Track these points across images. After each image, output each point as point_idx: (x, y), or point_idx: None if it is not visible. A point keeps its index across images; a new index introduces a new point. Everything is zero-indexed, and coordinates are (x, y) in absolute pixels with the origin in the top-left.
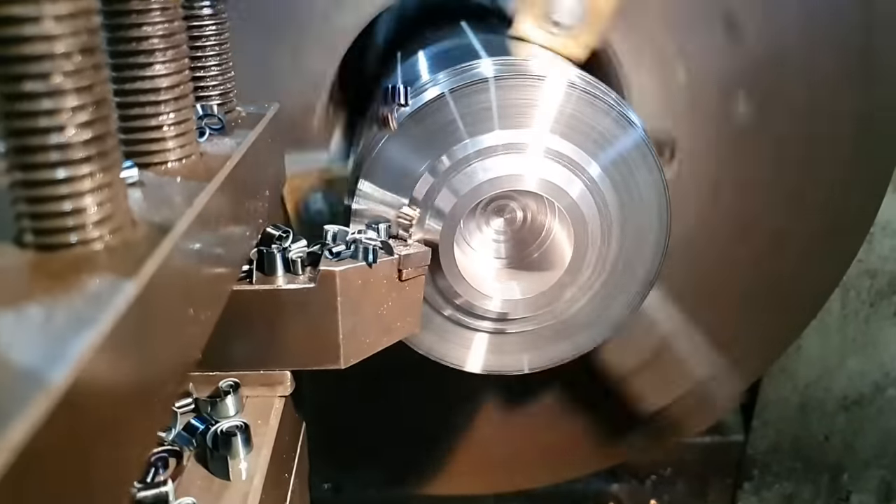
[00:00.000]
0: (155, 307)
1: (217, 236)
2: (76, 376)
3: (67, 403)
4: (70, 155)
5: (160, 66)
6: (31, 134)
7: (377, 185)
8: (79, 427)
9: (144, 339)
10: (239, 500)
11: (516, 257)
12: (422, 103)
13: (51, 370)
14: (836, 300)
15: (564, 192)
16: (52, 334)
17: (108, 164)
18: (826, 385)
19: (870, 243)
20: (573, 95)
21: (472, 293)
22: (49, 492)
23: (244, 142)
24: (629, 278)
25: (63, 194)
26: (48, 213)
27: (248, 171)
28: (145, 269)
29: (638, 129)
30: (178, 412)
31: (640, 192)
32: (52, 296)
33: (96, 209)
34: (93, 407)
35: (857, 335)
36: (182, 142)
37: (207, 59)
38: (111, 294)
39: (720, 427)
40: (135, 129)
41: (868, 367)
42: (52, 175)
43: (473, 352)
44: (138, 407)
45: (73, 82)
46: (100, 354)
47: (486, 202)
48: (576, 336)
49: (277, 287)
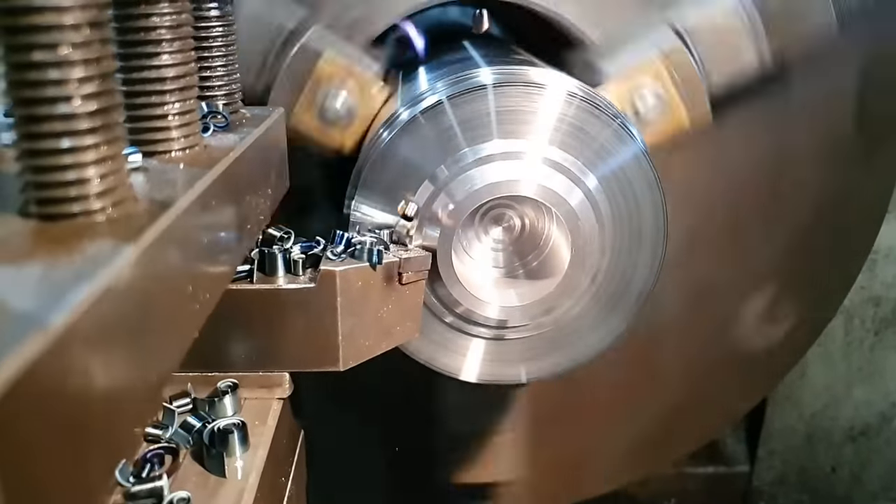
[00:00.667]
0: (153, 274)
1: (217, 220)
2: (73, 322)
3: (63, 346)
4: (75, 125)
5: (167, 56)
6: (37, 103)
7: (375, 194)
8: (73, 374)
9: (142, 303)
10: (234, 497)
11: (515, 266)
12: (419, 110)
13: (48, 315)
14: (839, 327)
15: (563, 199)
16: (50, 285)
17: (112, 138)
18: (832, 415)
19: (872, 270)
20: (573, 104)
21: (469, 299)
22: (41, 431)
23: (248, 137)
24: (625, 289)
25: (67, 164)
26: (51, 182)
27: (251, 165)
28: (145, 236)
29: (638, 143)
30: (175, 411)
31: (638, 203)
32: (52, 256)
33: (99, 181)
34: (88, 356)
35: (863, 364)
36: (186, 132)
37: (214, 59)
38: (111, 256)
39: (725, 457)
40: (140, 118)
41: (874, 396)
42: (57, 144)
43: (470, 360)
44: (135, 368)
45: (80, 54)
46: (97, 306)
47: (484, 211)
48: (573, 346)
49: (278, 286)
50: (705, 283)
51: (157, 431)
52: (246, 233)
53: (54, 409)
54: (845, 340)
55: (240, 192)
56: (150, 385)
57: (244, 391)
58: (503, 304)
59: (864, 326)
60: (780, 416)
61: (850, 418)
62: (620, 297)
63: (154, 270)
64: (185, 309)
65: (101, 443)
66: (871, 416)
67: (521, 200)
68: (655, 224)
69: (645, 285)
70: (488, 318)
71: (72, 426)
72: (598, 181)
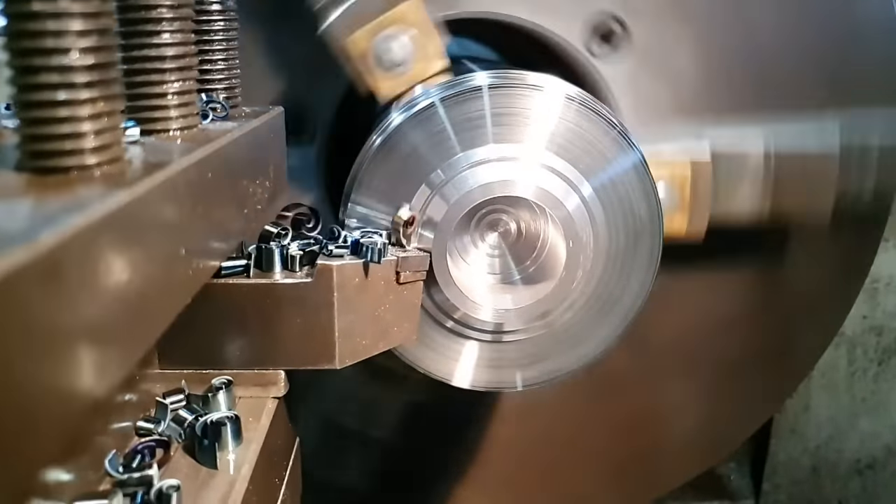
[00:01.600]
0: (145, 222)
1: (212, 192)
2: (62, 242)
3: (50, 262)
4: (72, 78)
5: (167, 35)
6: (35, 54)
7: (370, 198)
8: (59, 298)
9: (133, 248)
10: (225, 488)
11: (511, 272)
12: (413, 112)
13: (37, 232)
14: (842, 357)
15: (559, 201)
16: (42, 213)
17: (108, 94)
18: (837, 447)
19: (874, 299)
20: (571, 108)
21: (464, 302)
22: (21, 338)
23: (246, 125)
24: (620, 296)
25: (62, 117)
26: (46, 135)
27: (249, 150)
28: (139, 186)
29: (636, 152)
30: (168, 405)
31: (634, 209)
32: (45, 196)
33: (94, 136)
34: (74, 285)
35: (867, 394)
36: (184, 112)
37: (214, 52)
38: (103, 197)
39: (729, 491)
40: (140, 96)
41: (880, 428)
42: (53, 96)
43: (464, 366)
44: (123, 311)
45: (79, 7)
46: (87, 234)
47: (480, 216)
48: (569, 352)
49: (274, 281)
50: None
51: (149, 426)
52: (242, 217)
53: (35, 317)
54: (848, 370)
55: (236, 172)
56: (139, 339)
57: (239, 389)
58: (498, 307)
59: (866, 356)
60: (784, 449)
61: (856, 450)
62: (615, 304)
63: (146, 218)
64: (178, 271)
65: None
66: (877, 448)
67: (517, 204)
68: (651, 230)
69: (640, 291)
70: (483, 322)
71: (53, 351)
72: (596, 187)
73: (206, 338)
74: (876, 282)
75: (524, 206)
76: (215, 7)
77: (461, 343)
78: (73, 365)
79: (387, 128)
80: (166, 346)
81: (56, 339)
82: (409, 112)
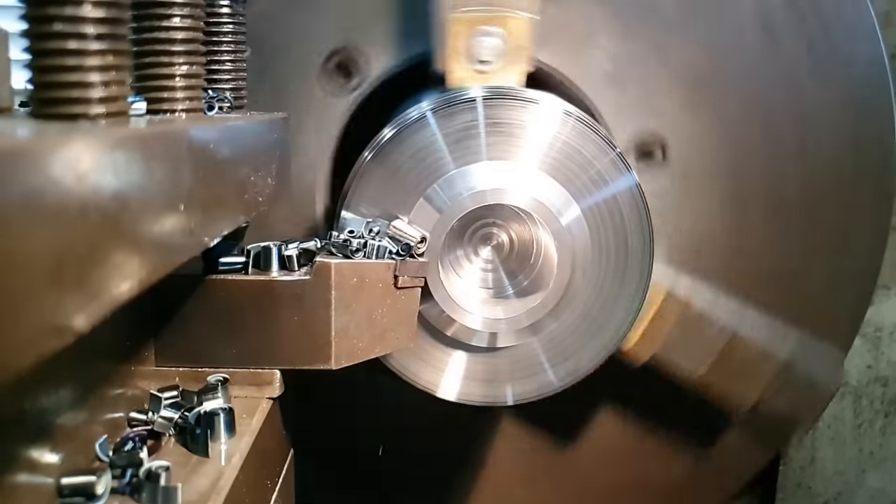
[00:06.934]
0: (146, 165)
1: (212, 162)
2: (59, 153)
3: (44, 166)
4: (82, 28)
5: (177, 19)
6: (48, 2)
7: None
8: (51, 203)
9: (130, 190)
10: (214, 475)
11: (505, 287)
12: (405, 125)
13: (38, 144)
14: (847, 408)
15: (553, 215)
16: (45, 134)
17: (117, 48)
18: (847, 503)
19: (878, 348)
20: (568, 123)
21: (457, 312)
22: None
23: (248, 117)
24: (612, 311)
25: (70, 65)
26: (54, 82)
27: (250, 138)
28: (142, 132)
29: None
30: (162, 398)
31: (626, 224)
32: (47, 129)
33: (102, 88)
34: (65, 194)
35: (874, 448)
36: (190, 94)
37: (222, 53)
38: (106, 133)
39: None
40: (148, 77)
41: (889, 484)
42: (63, 45)
43: (450, 377)
44: (114, 238)
45: None
46: (84, 153)
47: (473, 230)
48: (560, 366)
49: (271, 278)
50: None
51: (141, 416)
52: (241, 200)
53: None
54: (854, 423)
55: (237, 154)
56: (129, 274)
57: (234, 388)
58: (489, 316)
59: (872, 407)
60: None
61: None
62: (607, 319)
63: (147, 161)
64: (176, 225)
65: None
66: None
67: (510, 217)
68: (642, 246)
69: (630, 306)
70: (474, 333)
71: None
72: (589, 205)
73: (203, 335)
74: (879, 330)
75: (518, 219)
76: (225, 10)
77: (449, 354)
78: (56, 278)
79: (379, 142)
80: (162, 342)
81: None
82: (403, 122)
